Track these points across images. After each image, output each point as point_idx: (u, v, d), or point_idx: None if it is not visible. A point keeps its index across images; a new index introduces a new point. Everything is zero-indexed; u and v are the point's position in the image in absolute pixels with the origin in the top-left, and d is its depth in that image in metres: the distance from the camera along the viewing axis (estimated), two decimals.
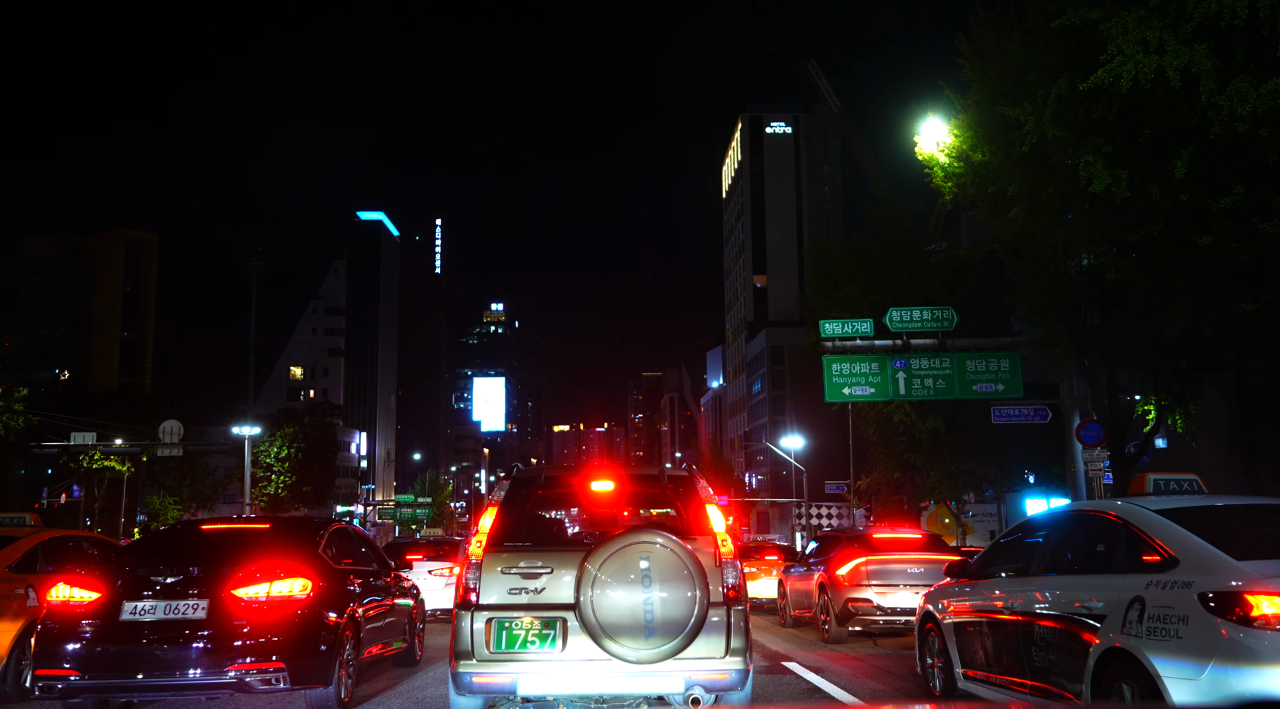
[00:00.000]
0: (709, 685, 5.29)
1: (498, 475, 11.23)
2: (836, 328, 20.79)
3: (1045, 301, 17.75)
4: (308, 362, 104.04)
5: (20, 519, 9.70)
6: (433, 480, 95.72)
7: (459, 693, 5.59)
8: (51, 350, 64.49)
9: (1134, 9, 11.88)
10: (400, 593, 9.45)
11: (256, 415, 44.98)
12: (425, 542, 20.86)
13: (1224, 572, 4.72)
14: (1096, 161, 13.16)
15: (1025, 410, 21.10)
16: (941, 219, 51.16)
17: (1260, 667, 4.34)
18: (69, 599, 6.61)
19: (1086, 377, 18.14)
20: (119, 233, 65.36)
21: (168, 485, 51.72)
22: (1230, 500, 6.14)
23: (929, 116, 18.83)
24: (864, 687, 8.54)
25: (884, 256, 27.89)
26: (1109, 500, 7.22)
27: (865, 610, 12.36)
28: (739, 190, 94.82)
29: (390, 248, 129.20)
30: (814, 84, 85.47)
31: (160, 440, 36.66)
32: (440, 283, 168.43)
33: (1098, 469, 19.10)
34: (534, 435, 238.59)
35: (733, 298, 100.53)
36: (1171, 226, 13.74)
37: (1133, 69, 11.73)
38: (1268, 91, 10.92)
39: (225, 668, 6.34)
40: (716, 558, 5.51)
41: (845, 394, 20.71)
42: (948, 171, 17.56)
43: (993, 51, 16.11)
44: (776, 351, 78.64)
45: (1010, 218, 15.84)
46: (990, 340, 20.75)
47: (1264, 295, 13.06)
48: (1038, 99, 13.87)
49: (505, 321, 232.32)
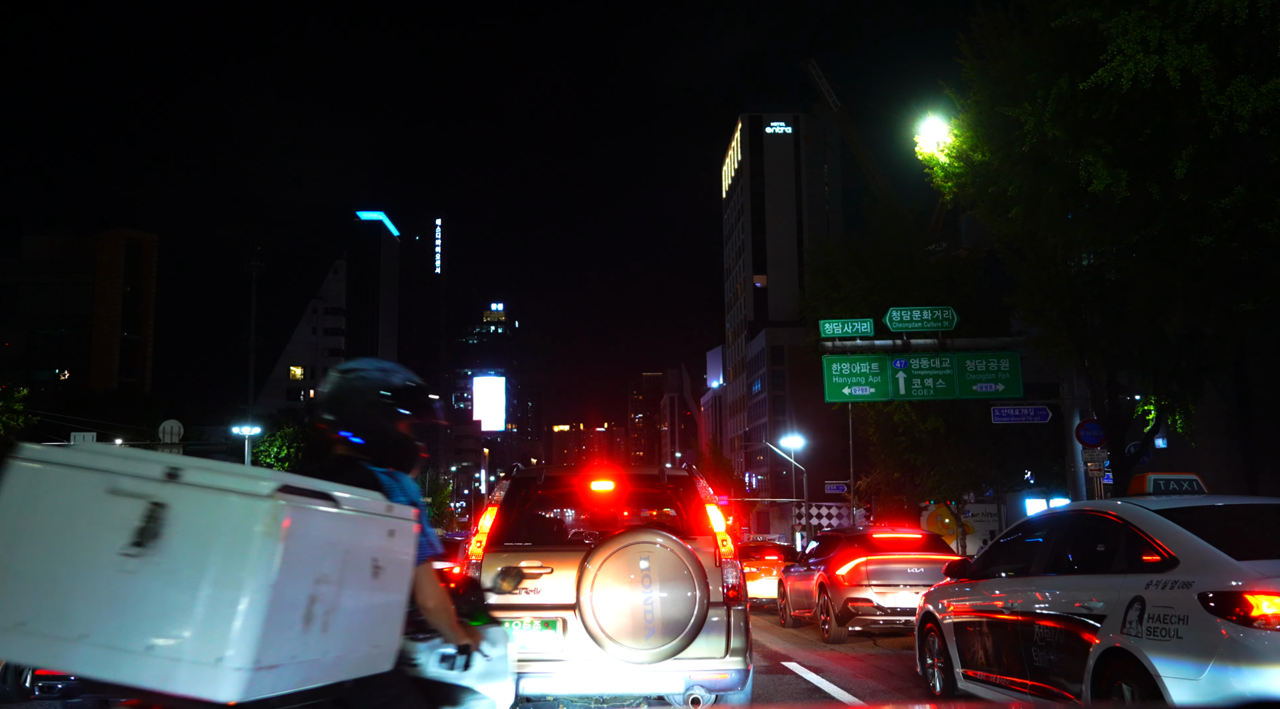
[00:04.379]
0: (709, 685, 5.29)
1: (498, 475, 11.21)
2: (836, 328, 20.79)
3: (1045, 301, 17.74)
4: (308, 362, 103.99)
5: None
6: (433, 480, 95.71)
7: None
8: (51, 350, 64.47)
9: (1134, 9, 11.87)
10: None
11: (256, 415, 44.97)
12: None
13: (1224, 572, 4.72)
14: (1096, 161, 13.15)
15: (1025, 410, 21.09)
16: (941, 219, 51.10)
17: (1260, 667, 4.34)
18: None
19: (1086, 377, 18.12)
20: (119, 233, 65.34)
21: None
22: (1230, 500, 6.15)
23: (929, 116, 18.82)
24: (864, 687, 8.54)
25: (884, 256, 27.86)
26: (1109, 500, 7.22)
27: (865, 610, 12.36)
28: (739, 190, 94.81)
29: (390, 248, 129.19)
30: (814, 84, 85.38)
31: (160, 440, 36.65)
32: (440, 283, 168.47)
33: (1098, 469, 19.09)
34: (534, 435, 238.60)
35: (733, 298, 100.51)
36: (1171, 226, 13.73)
37: (1133, 69, 11.72)
38: (1268, 91, 10.91)
39: None
40: (716, 558, 5.51)
41: (845, 394, 20.71)
42: (948, 171, 17.55)
43: (993, 51, 16.10)
44: (776, 352, 78.62)
45: (1010, 218, 15.83)
46: (990, 340, 20.74)
47: (1264, 295, 13.06)
48: (1038, 99, 13.85)
49: (505, 321, 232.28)
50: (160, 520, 1.85)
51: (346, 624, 2.08)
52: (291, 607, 1.90)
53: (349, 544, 2.11)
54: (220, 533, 1.83)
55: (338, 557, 2.05)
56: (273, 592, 1.83)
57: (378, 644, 2.25)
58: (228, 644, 1.77)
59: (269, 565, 1.82)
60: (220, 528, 1.84)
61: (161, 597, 1.82)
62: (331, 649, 2.03)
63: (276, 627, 1.84)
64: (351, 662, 2.14)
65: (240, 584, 1.80)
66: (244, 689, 1.78)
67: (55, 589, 1.88)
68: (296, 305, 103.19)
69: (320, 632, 1.98)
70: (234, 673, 1.77)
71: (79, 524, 1.90)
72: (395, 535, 2.29)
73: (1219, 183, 12.66)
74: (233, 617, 1.78)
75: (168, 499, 1.86)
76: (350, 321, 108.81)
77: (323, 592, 1.98)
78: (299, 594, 1.92)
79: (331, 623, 2.01)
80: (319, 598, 1.97)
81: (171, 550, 1.84)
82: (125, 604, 1.83)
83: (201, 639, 1.78)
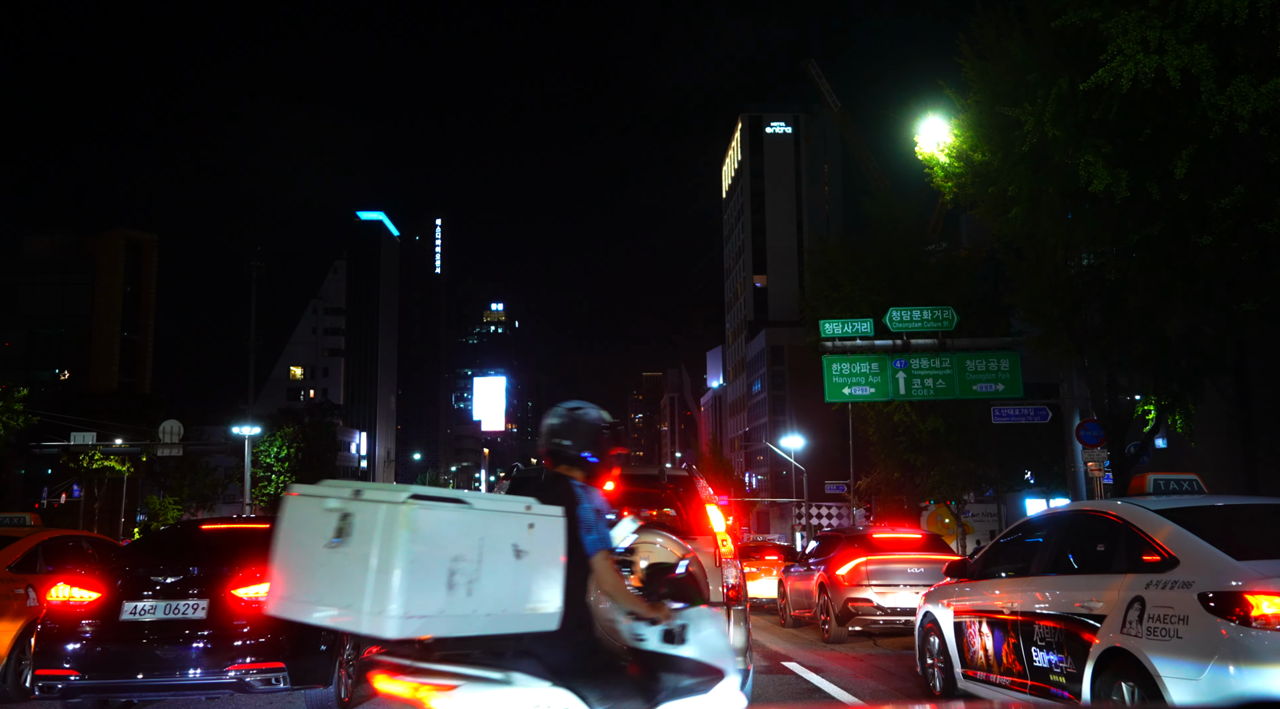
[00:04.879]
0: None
1: (498, 475, 11.33)
2: (836, 328, 20.78)
3: (1045, 301, 17.73)
4: (308, 362, 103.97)
5: (20, 519, 9.71)
6: (433, 480, 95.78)
7: None
8: (51, 350, 64.43)
9: (1134, 9, 11.88)
10: None
11: (256, 415, 44.95)
12: None
13: (1224, 572, 4.72)
14: (1096, 161, 13.15)
15: (1025, 410, 21.09)
16: (941, 219, 51.11)
17: (1260, 667, 4.34)
18: (69, 599, 6.61)
19: (1086, 377, 18.12)
20: (119, 233, 65.30)
21: (168, 485, 51.71)
22: (1230, 500, 6.14)
23: (929, 116, 18.82)
24: (864, 687, 8.54)
25: (884, 256, 27.85)
26: (1109, 500, 7.21)
27: (865, 610, 12.36)
28: (739, 190, 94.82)
29: (390, 248, 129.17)
30: (814, 84, 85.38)
31: (160, 440, 36.65)
32: (440, 283, 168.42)
33: (1098, 469, 19.08)
34: (534, 435, 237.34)
35: (733, 298, 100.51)
36: (1171, 226, 13.73)
37: (1133, 69, 11.72)
38: (1268, 91, 10.91)
39: (225, 668, 6.34)
40: (716, 558, 5.51)
41: (845, 394, 20.70)
42: (948, 171, 17.55)
43: (993, 51, 16.10)
44: (776, 352, 78.64)
45: (1010, 218, 15.83)
46: (990, 340, 20.73)
47: (1264, 295, 13.06)
48: (1038, 99, 13.86)
49: (505, 321, 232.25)
50: (349, 523, 2.71)
51: (492, 591, 2.78)
52: (432, 576, 2.65)
53: (484, 532, 2.82)
54: (378, 529, 2.64)
55: (474, 541, 2.77)
56: (412, 566, 2.60)
57: (533, 608, 2.92)
58: (388, 601, 2.58)
59: (407, 548, 2.60)
60: (377, 526, 2.65)
61: (351, 572, 2.65)
62: (480, 608, 2.76)
63: (420, 590, 2.62)
64: (506, 619, 2.84)
65: (390, 562, 2.59)
66: (399, 630, 2.58)
67: (303, 570, 2.79)
68: (296, 305, 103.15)
69: (465, 595, 2.72)
70: (392, 619, 2.57)
71: (310, 529, 2.81)
72: (536, 528, 2.96)
73: (1219, 183, 12.66)
74: (388, 583, 2.58)
75: (352, 510, 2.72)
76: (350, 321, 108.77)
77: (461, 566, 2.73)
78: (438, 567, 2.67)
79: (476, 589, 2.74)
80: (458, 571, 2.71)
81: (354, 541, 2.68)
82: (333, 577, 2.69)
83: (373, 598, 2.59)
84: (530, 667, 2.96)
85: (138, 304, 65.58)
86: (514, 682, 2.92)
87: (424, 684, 2.88)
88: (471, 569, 2.73)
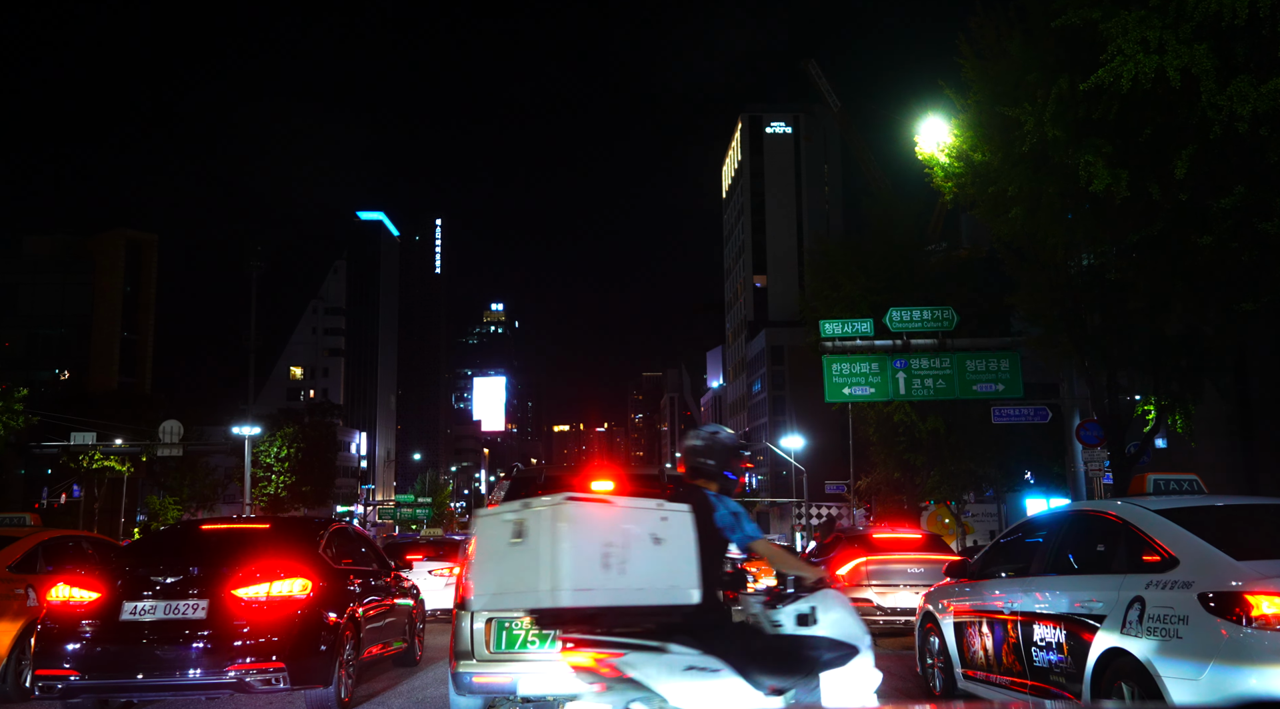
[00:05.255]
0: None
1: (498, 475, 11.34)
2: (836, 328, 20.77)
3: (1045, 301, 17.72)
4: (308, 362, 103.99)
5: (20, 519, 9.70)
6: (433, 480, 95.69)
7: (459, 693, 5.59)
8: (51, 350, 64.44)
9: (1134, 9, 11.87)
10: (400, 593, 9.44)
11: (256, 415, 44.93)
12: (425, 542, 20.85)
13: (1224, 572, 4.71)
14: (1096, 161, 13.15)
15: (1025, 410, 21.08)
16: (941, 219, 51.14)
17: (1260, 667, 4.34)
18: (69, 599, 6.61)
19: (1086, 377, 18.11)
20: (119, 233, 65.32)
21: (168, 485, 51.69)
22: (1230, 500, 6.14)
23: (929, 116, 18.80)
24: None
25: (884, 256, 27.84)
26: (1109, 500, 7.22)
27: (865, 611, 12.34)
28: (739, 190, 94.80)
29: (390, 248, 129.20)
30: (814, 84, 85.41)
31: (160, 440, 36.64)
32: (440, 283, 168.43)
33: (1098, 469, 19.08)
34: (534, 435, 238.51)
35: (733, 298, 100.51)
36: (1171, 226, 13.73)
37: (1133, 69, 11.71)
38: (1268, 91, 10.91)
39: (225, 668, 6.34)
40: None
41: (845, 394, 20.69)
42: (948, 171, 17.54)
43: (993, 51, 16.09)
44: (776, 352, 78.65)
45: (1010, 218, 15.82)
46: (990, 340, 20.72)
47: (1264, 295, 13.05)
48: (1038, 99, 13.85)
49: (505, 321, 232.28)
50: (524, 526, 3.35)
51: (639, 570, 3.36)
52: (589, 559, 3.26)
53: (626, 524, 3.42)
54: (545, 525, 3.29)
55: (619, 531, 3.38)
56: (573, 551, 3.22)
57: (675, 585, 3.49)
58: (559, 580, 3.19)
59: (568, 537, 3.24)
60: (544, 523, 3.29)
61: (530, 562, 3.29)
62: (632, 583, 3.34)
63: (580, 570, 3.23)
64: (655, 592, 3.42)
65: (558, 548, 3.22)
66: (570, 600, 3.18)
67: (497, 568, 3.48)
68: (296, 305, 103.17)
69: (619, 573, 3.31)
70: (564, 591, 3.17)
71: (496, 536, 3.49)
72: (668, 520, 3.55)
73: (1219, 183, 12.65)
74: (557, 567, 3.21)
75: (525, 517, 3.37)
76: (350, 321, 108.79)
77: (612, 551, 3.32)
78: (593, 552, 3.27)
79: (627, 569, 3.33)
80: (610, 554, 3.31)
81: (529, 540, 3.32)
82: (519, 568, 3.35)
83: (548, 579, 3.21)
84: (682, 639, 3.58)
85: (138, 304, 65.59)
86: (670, 649, 3.55)
87: (600, 653, 3.54)
88: (620, 553, 3.34)
